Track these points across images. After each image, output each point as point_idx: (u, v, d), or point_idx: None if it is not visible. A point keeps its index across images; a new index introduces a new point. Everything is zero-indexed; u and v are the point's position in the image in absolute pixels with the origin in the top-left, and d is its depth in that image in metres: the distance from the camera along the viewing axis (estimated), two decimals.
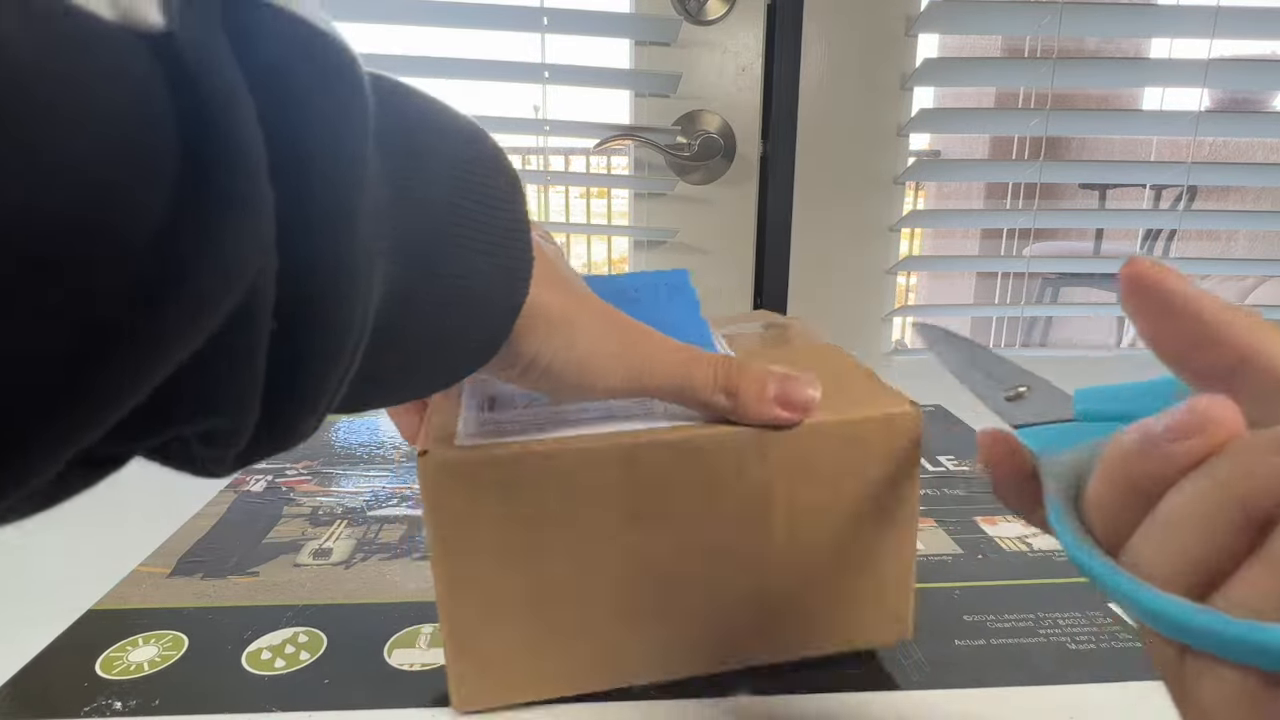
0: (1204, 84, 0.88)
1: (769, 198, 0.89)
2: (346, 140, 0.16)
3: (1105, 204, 2.06)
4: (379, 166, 0.18)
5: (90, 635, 0.36)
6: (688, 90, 0.86)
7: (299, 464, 0.55)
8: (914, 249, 2.10)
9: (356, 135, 0.16)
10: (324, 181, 0.15)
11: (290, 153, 0.15)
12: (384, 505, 0.49)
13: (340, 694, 0.33)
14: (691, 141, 0.87)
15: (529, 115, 0.88)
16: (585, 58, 0.83)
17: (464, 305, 0.22)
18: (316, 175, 0.15)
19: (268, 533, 0.46)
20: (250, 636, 0.36)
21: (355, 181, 0.16)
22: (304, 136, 0.15)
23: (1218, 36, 0.85)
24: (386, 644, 0.36)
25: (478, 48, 0.83)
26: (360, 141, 0.16)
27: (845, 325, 0.96)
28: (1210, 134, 0.92)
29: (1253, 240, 1.92)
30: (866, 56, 0.87)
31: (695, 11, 0.84)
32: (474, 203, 0.22)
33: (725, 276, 0.92)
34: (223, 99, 0.13)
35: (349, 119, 0.16)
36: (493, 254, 0.22)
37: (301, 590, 0.40)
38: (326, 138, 0.15)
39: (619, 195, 1.76)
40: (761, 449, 0.29)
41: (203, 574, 0.41)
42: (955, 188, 2.52)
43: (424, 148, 0.20)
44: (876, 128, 0.90)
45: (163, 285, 0.13)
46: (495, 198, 0.23)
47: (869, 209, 0.92)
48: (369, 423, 0.64)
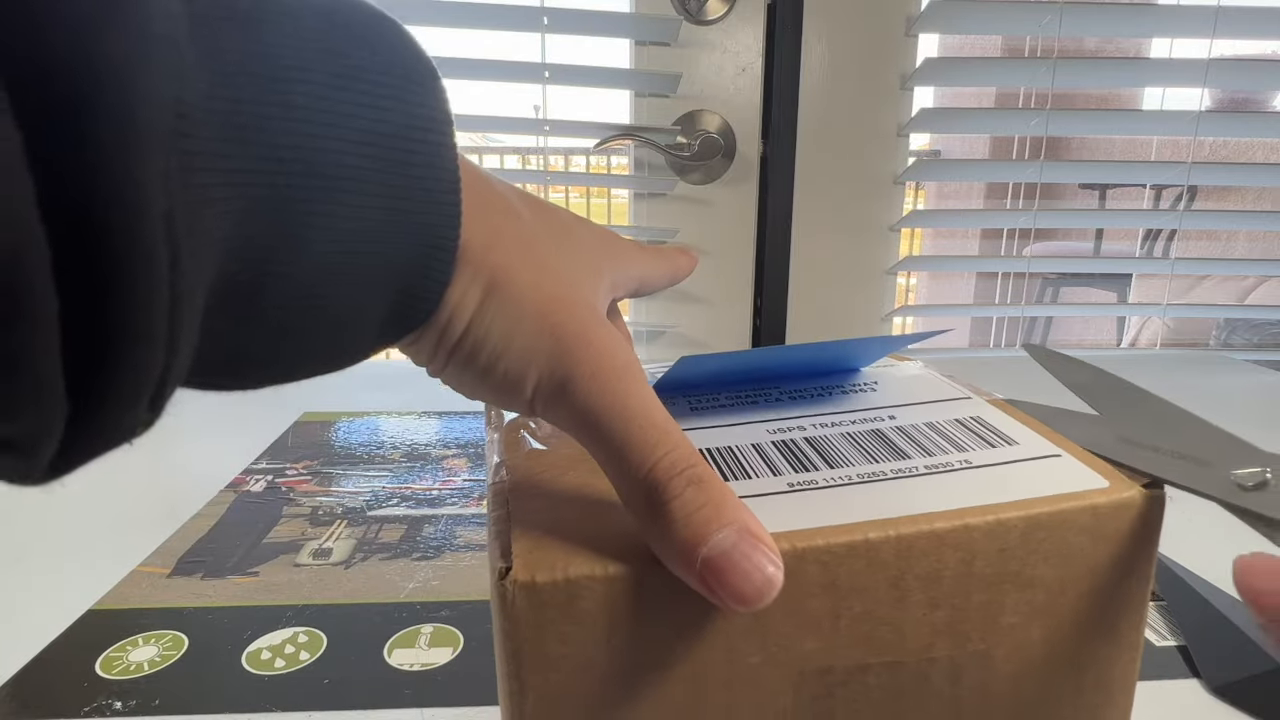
0: (1204, 84, 0.88)
1: (769, 198, 0.89)
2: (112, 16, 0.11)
3: (1105, 204, 2.06)
4: (186, 56, 0.13)
5: (90, 635, 0.36)
6: (688, 90, 0.86)
7: (299, 464, 0.55)
8: (914, 249, 2.10)
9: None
10: (95, 86, 0.11)
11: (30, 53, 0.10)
12: (384, 505, 0.49)
13: (340, 694, 0.33)
14: (691, 141, 0.87)
15: (529, 115, 0.88)
16: (585, 58, 0.83)
17: (349, 262, 0.16)
18: (80, 80, 0.11)
19: (268, 533, 0.46)
20: (250, 636, 0.36)
21: (137, 77, 0.11)
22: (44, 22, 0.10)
23: (1218, 36, 0.85)
24: (386, 644, 0.36)
25: (478, 48, 0.83)
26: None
27: (845, 325, 0.96)
28: (1210, 134, 0.92)
29: (1253, 240, 1.92)
30: (866, 56, 0.87)
31: (695, 11, 0.84)
32: (356, 95, 0.15)
33: (725, 276, 0.92)
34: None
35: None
36: (389, 175, 0.16)
37: (301, 590, 0.40)
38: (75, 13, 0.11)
39: (619, 195, 1.76)
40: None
41: (203, 574, 0.41)
42: (955, 188, 2.52)
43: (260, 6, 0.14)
44: (876, 128, 0.90)
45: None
46: (387, 83, 0.16)
47: (869, 209, 0.92)
48: (369, 423, 0.64)
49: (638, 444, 0.18)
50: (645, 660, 0.19)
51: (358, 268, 0.16)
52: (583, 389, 0.18)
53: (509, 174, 1.21)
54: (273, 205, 0.14)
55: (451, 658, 0.35)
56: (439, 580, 0.41)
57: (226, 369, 0.16)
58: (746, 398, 0.26)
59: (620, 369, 0.19)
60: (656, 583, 0.18)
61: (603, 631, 0.18)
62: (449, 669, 0.34)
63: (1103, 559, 0.20)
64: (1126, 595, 0.21)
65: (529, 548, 0.18)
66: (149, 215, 0.12)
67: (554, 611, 0.18)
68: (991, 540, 0.19)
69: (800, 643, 0.19)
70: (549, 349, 0.19)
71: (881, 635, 0.19)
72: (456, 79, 0.82)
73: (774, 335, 0.93)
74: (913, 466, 0.21)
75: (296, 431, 0.62)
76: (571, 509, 0.20)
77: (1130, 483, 0.20)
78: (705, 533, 0.17)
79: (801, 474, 0.21)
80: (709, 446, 0.22)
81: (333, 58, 0.15)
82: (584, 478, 0.21)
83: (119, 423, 0.13)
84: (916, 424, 0.24)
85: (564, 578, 0.18)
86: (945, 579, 0.19)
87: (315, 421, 0.64)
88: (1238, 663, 0.32)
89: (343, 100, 0.15)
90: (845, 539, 0.18)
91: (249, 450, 0.57)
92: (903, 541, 0.19)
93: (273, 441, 0.59)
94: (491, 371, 0.19)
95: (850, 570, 0.19)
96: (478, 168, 0.19)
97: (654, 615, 0.18)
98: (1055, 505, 0.20)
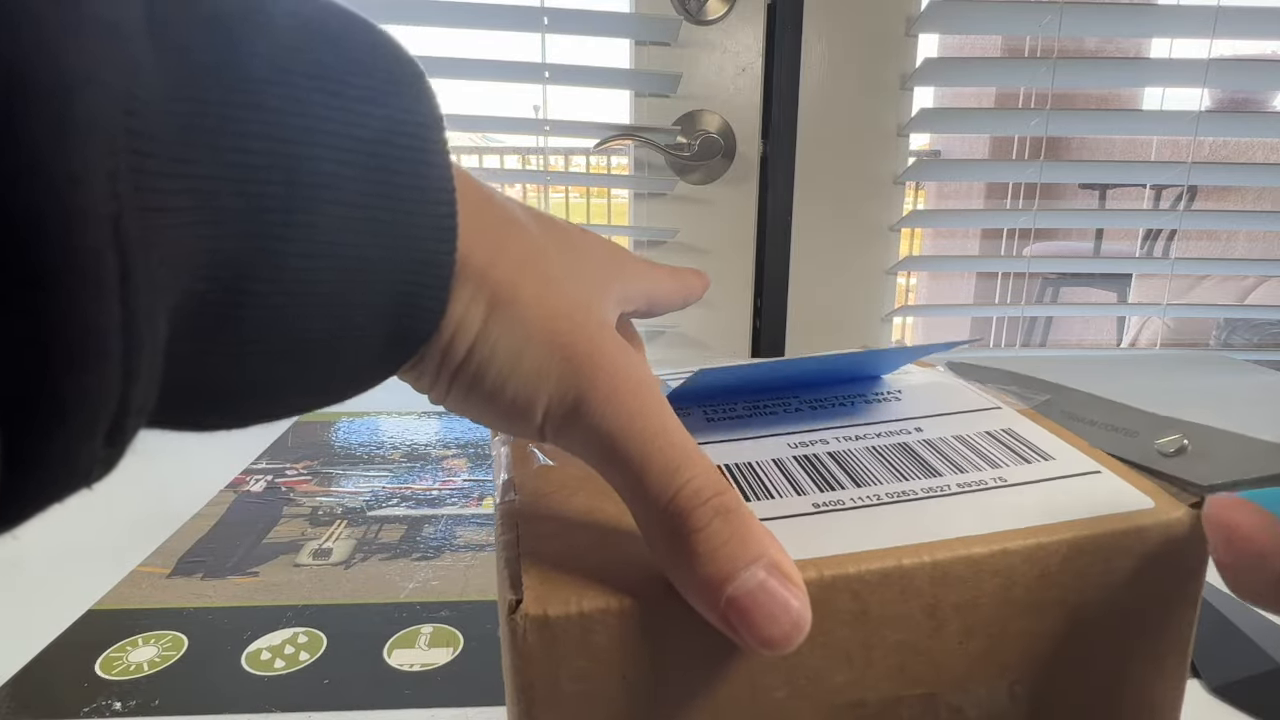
0: (1204, 84, 0.88)
1: (769, 198, 0.89)
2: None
3: (1105, 204, 2.06)
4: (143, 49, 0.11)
5: (90, 635, 0.36)
6: (688, 90, 0.86)
7: (299, 464, 0.55)
8: (914, 249, 2.10)
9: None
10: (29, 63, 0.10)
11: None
12: (384, 505, 0.49)
13: (340, 694, 0.33)
14: (691, 141, 0.87)
15: (529, 115, 0.88)
16: (585, 58, 0.83)
17: (333, 280, 0.15)
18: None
19: (268, 533, 0.46)
20: (250, 636, 0.36)
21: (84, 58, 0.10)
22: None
23: (1218, 36, 0.85)
24: (386, 644, 0.36)
25: (478, 48, 0.83)
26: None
27: (845, 325, 0.96)
28: (1210, 134, 0.92)
29: (1253, 240, 1.92)
30: (866, 56, 0.87)
31: (695, 11, 0.84)
32: (332, 98, 0.14)
33: (725, 277, 0.92)
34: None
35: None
36: (373, 183, 0.15)
37: (301, 590, 0.40)
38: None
39: (619, 195, 1.76)
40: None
41: (203, 574, 0.41)
42: (955, 188, 2.52)
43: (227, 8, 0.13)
44: (876, 128, 0.90)
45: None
46: (368, 85, 0.15)
47: (869, 209, 0.92)
48: (369, 423, 0.64)
49: (658, 469, 0.17)
50: (662, 695, 0.18)
51: (343, 286, 0.15)
52: (597, 411, 0.17)
53: (509, 174, 1.21)
54: (245, 216, 0.13)
55: (451, 658, 0.35)
56: (439, 580, 0.41)
57: (204, 403, 0.15)
58: (764, 408, 0.25)
59: (635, 387, 0.17)
60: (674, 615, 0.17)
61: (617, 666, 0.17)
62: (449, 669, 0.34)
63: (1148, 583, 0.19)
64: (1172, 621, 0.20)
65: (540, 579, 0.17)
66: (91, 217, 0.10)
67: (567, 646, 0.17)
68: (1031, 565, 0.18)
69: (830, 676, 0.18)
70: (559, 370, 0.17)
71: (916, 667, 0.18)
72: (456, 79, 0.82)
73: (774, 335, 0.93)
74: (944, 485, 0.20)
75: (296, 431, 0.62)
76: (584, 535, 0.19)
77: (1176, 502, 0.19)
78: (731, 570, 0.16)
79: (827, 493, 0.20)
80: (728, 463, 0.21)
81: (307, 60, 0.14)
82: (594, 500, 0.20)
83: (72, 459, 0.12)
84: (945, 437, 0.22)
85: (578, 611, 0.17)
86: (983, 606, 0.18)
87: (315, 421, 0.64)
88: (1238, 663, 0.32)
89: (319, 104, 0.14)
90: (877, 565, 0.17)
91: (249, 450, 0.57)
92: (939, 568, 0.18)
93: (273, 441, 0.59)
94: (499, 396, 0.18)
95: (883, 599, 0.17)
96: (476, 180, 0.18)
97: (671, 649, 0.17)
98: (1099, 528, 0.18)
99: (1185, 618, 0.20)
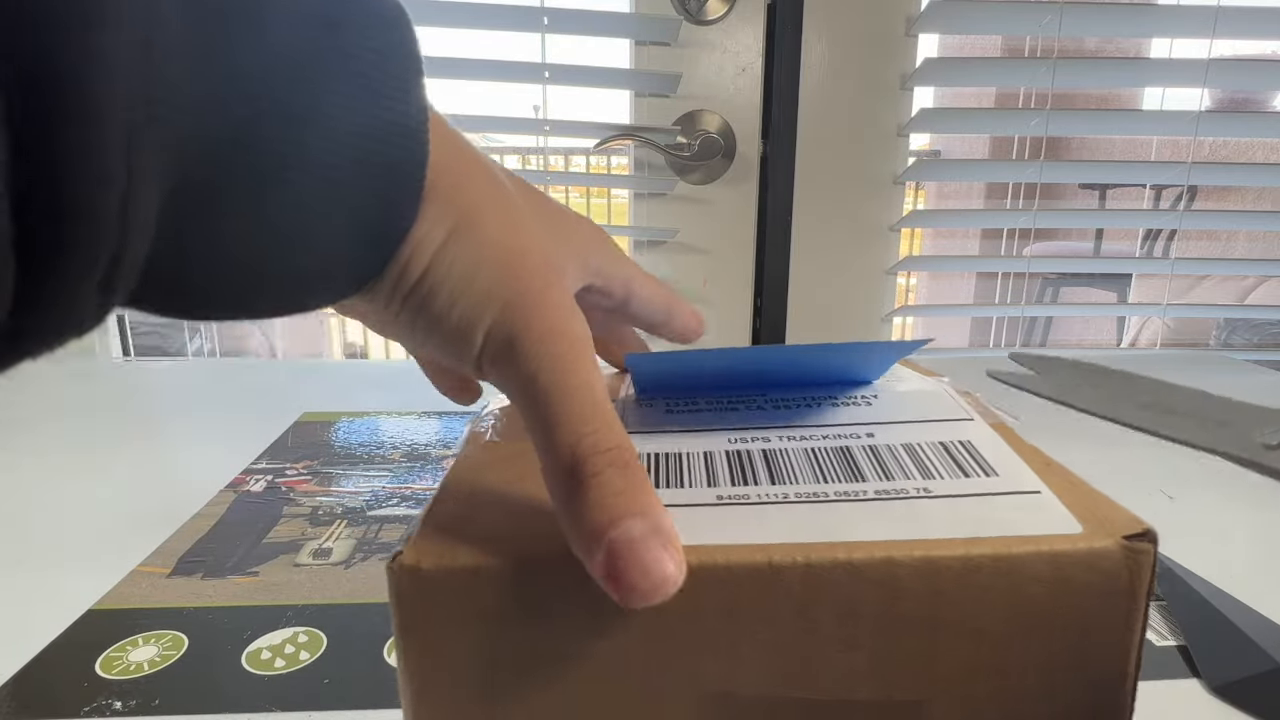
0: (1204, 84, 0.88)
1: (769, 198, 0.89)
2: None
3: (1105, 204, 2.06)
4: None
5: (90, 635, 0.36)
6: (688, 90, 0.86)
7: (299, 464, 0.55)
8: (914, 249, 2.10)
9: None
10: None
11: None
12: (384, 505, 0.49)
13: (340, 694, 0.33)
14: (691, 141, 0.87)
15: (529, 115, 0.88)
16: (585, 58, 0.83)
17: (308, 182, 0.16)
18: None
19: (268, 533, 0.46)
20: (250, 636, 0.36)
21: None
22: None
23: (1218, 36, 0.85)
24: (386, 644, 0.36)
25: (478, 48, 0.83)
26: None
27: (845, 325, 0.96)
28: (1210, 134, 0.92)
29: (1252, 240, 1.92)
30: (866, 56, 0.87)
31: (695, 11, 0.84)
32: (328, 28, 0.16)
33: (725, 277, 0.92)
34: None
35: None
36: (366, 81, 0.16)
37: (301, 590, 0.40)
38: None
39: (619, 195, 1.76)
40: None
41: (203, 574, 0.41)
42: (955, 188, 2.52)
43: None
44: (876, 128, 0.90)
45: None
46: (365, 22, 0.17)
47: (869, 209, 0.92)
48: (369, 423, 0.64)
49: (569, 416, 0.17)
50: (538, 658, 0.18)
51: (319, 189, 0.16)
52: (529, 350, 0.18)
53: None
54: (233, 125, 0.15)
55: None
56: None
57: (184, 284, 0.16)
58: (728, 404, 0.25)
59: (571, 339, 0.18)
60: (553, 578, 0.17)
61: (494, 625, 0.18)
62: None
63: (1068, 616, 0.17)
64: (1101, 661, 0.18)
65: (430, 536, 0.18)
66: (105, 73, 0.12)
67: (441, 600, 0.18)
68: (921, 580, 0.17)
69: (699, 662, 0.18)
70: (505, 299, 0.18)
71: (790, 668, 0.18)
72: (456, 79, 0.82)
73: (774, 335, 0.93)
74: (862, 490, 0.19)
75: (296, 431, 0.62)
76: (492, 501, 0.20)
77: (1108, 533, 0.17)
78: (616, 517, 0.16)
79: (736, 488, 0.20)
80: (655, 451, 0.21)
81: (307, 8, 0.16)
82: (522, 473, 0.21)
83: (71, 296, 0.13)
84: (893, 445, 0.22)
85: (451, 564, 0.17)
86: (865, 617, 0.17)
87: (315, 421, 0.64)
88: (1238, 663, 0.32)
89: (319, 39, 0.16)
90: (747, 559, 0.17)
91: (249, 450, 0.57)
92: (812, 570, 0.17)
93: (273, 441, 0.59)
94: (445, 318, 0.18)
95: (751, 594, 0.17)
96: (456, 130, 0.19)
97: (549, 612, 0.18)
98: (1001, 548, 0.17)
99: (1116, 659, 0.18)
